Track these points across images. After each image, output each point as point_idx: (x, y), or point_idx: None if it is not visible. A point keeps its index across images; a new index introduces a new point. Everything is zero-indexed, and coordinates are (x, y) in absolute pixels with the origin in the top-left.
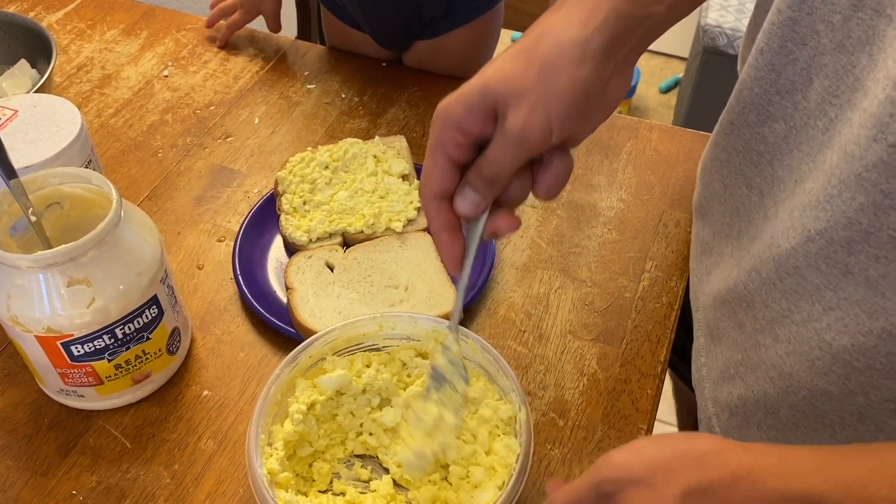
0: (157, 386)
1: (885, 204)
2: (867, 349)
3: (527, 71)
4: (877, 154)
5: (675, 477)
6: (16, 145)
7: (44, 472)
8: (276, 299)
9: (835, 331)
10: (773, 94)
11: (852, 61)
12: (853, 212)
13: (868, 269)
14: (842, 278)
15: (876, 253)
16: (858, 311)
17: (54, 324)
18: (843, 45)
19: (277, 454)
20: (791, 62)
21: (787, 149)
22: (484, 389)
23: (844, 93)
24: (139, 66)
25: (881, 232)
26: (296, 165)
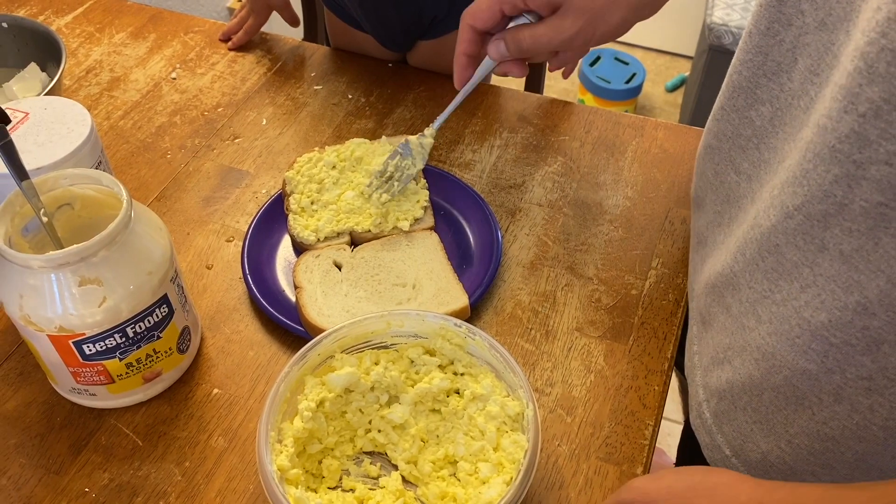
0: (167, 384)
1: (858, 174)
2: (843, 324)
3: None
4: (848, 125)
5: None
6: (27, 147)
7: (56, 470)
8: (284, 298)
9: (812, 308)
10: (761, 76)
11: (832, 38)
12: (828, 184)
13: (842, 244)
14: (818, 254)
15: (849, 226)
16: (834, 286)
17: (66, 323)
18: (825, 23)
19: (287, 451)
20: (777, 43)
21: (772, 131)
22: (492, 386)
23: (824, 70)
24: (147, 69)
25: (854, 204)
26: (303, 166)
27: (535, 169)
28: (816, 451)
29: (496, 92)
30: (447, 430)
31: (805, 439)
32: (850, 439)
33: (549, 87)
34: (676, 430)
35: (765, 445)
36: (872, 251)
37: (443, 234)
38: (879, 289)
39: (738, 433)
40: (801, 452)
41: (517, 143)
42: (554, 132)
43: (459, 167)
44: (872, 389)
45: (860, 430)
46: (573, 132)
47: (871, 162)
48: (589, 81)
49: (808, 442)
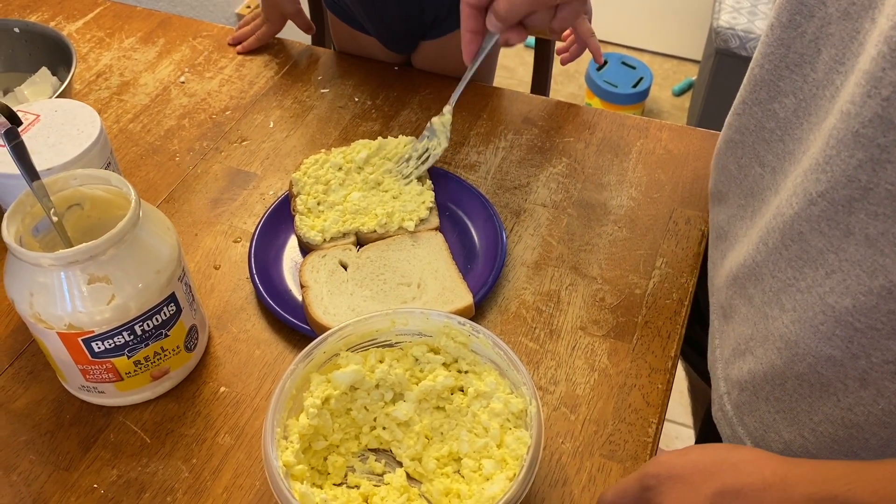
0: (175, 382)
1: (882, 158)
2: (868, 309)
3: None
4: (872, 109)
5: (711, 478)
6: (38, 148)
7: (66, 467)
8: (291, 298)
9: (837, 293)
10: (783, 68)
11: (857, 27)
12: (852, 169)
13: (868, 228)
14: (843, 239)
15: (875, 210)
16: (859, 271)
17: (75, 320)
18: (849, 13)
19: (293, 447)
20: (799, 35)
21: (797, 122)
22: (495, 383)
23: (850, 59)
24: (156, 73)
25: (879, 188)
26: (310, 167)
27: (539, 170)
28: (840, 438)
29: (501, 94)
30: (451, 428)
31: (829, 427)
32: (874, 425)
33: (556, 90)
34: (685, 434)
35: (787, 435)
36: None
37: (448, 235)
38: None
39: (760, 423)
40: (824, 440)
41: (522, 144)
42: (558, 134)
43: (465, 168)
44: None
45: (885, 415)
46: (578, 133)
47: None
48: (596, 86)
49: (833, 429)
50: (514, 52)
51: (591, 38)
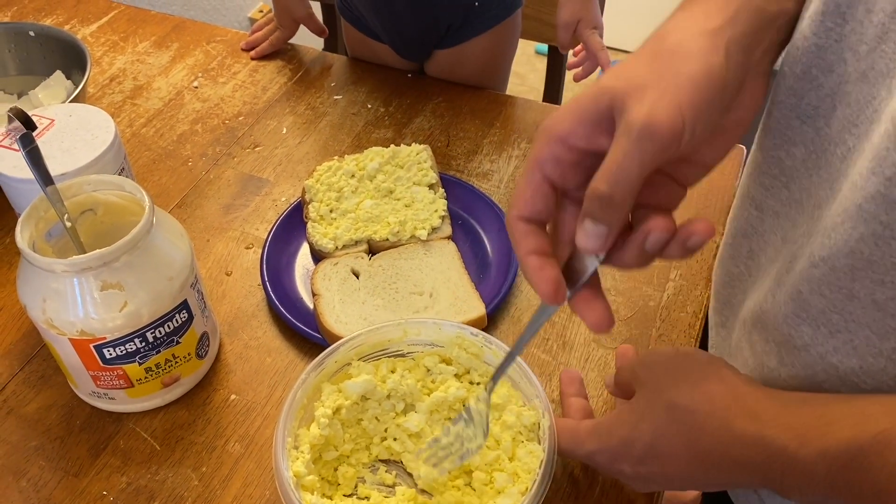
0: (185, 389)
1: (886, 234)
2: (876, 371)
3: (651, 65)
4: (874, 186)
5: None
6: (52, 153)
7: (76, 473)
8: (302, 305)
9: (842, 353)
10: (793, 118)
11: (873, 92)
12: (854, 241)
13: (874, 293)
14: (847, 302)
15: (881, 278)
16: (868, 332)
17: (88, 327)
18: (866, 76)
19: (303, 457)
20: (815, 88)
21: (805, 173)
22: (508, 395)
23: (864, 123)
24: (170, 78)
25: (884, 260)
26: (323, 174)
27: None
28: None
29: (514, 102)
30: None
31: None
32: None
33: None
34: None
35: None
36: None
37: (460, 244)
38: None
39: None
40: None
41: None
42: None
43: (477, 177)
44: None
45: None
46: None
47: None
48: None
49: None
50: (525, 59)
51: (602, 51)
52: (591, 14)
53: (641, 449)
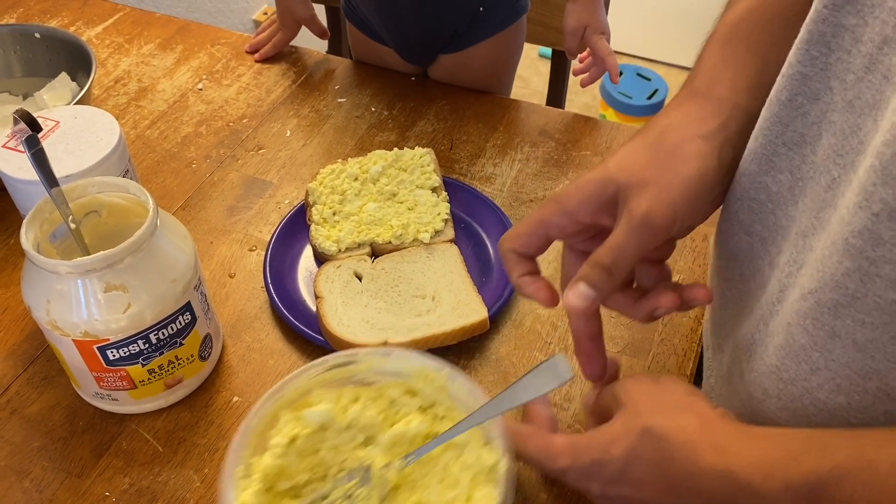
0: (188, 391)
1: (871, 271)
2: (864, 408)
3: (652, 161)
4: (861, 221)
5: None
6: (57, 155)
7: (78, 474)
8: (305, 308)
9: (827, 390)
10: (780, 145)
11: (859, 123)
12: (840, 275)
13: (855, 333)
14: (828, 340)
15: (862, 318)
16: (850, 371)
17: (91, 328)
18: (853, 105)
19: (254, 486)
20: (801, 115)
21: (791, 200)
22: (470, 434)
23: (849, 153)
24: (174, 80)
25: (867, 298)
26: (326, 177)
27: (556, 183)
28: None
29: (518, 106)
30: (422, 476)
31: None
32: None
33: (571, 101)
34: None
35: None
36: (889, 343)
37: (463, 247)
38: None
39: None
40: None
41: (538, 157)
42: (575, 147)
43: (480, 180)
44: None
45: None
46: (595, 147)
47: (885, 261)
48: (610, 97)
49: None
50: (528, 63)
51: (609, 56)
52: (597, 20)
53: (613, 471)
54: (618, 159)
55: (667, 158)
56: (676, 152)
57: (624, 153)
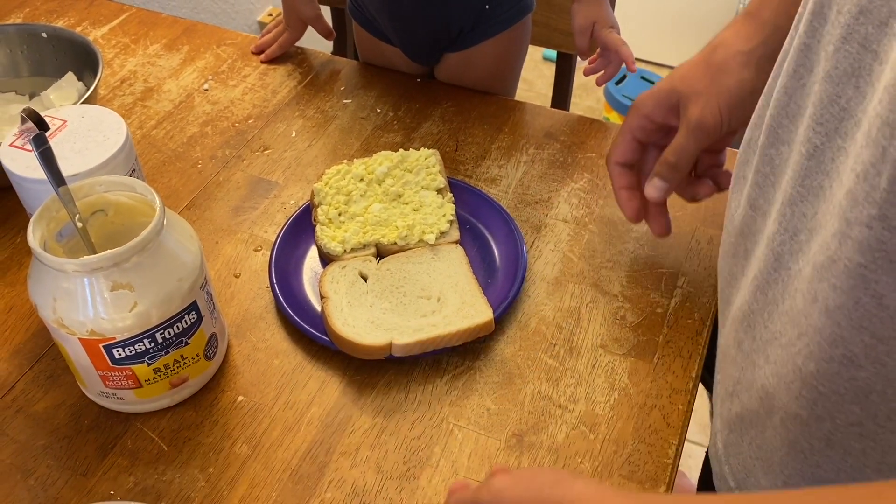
0: (193, 390)
1: (846, 232)
2: (831, 375)
3: (705, 74)
4: (849, 182)
5: None
6: (64, 154)
7: (83, 472)
8: (310, 308)
9: (804, 356)
10: (783, 116)
11: (837, 91)
12: (829, 237)
13: (828, 299)
14: (811, 305)
15: (834, 283)
16: (820, 338)
17: (97, 327)
18: (830, 76)
19: None
20: (801, 87)
21: (784, 172)
22: None
23: (829, 121)
24: (180, 80)
25: (840, 261)
26: (332, 177)
27: (561, 185)
28: None
29: (523, 108)
30: None
31: (800, 481)
32: (844, 480)
33: (574, 104)
34: (698, 453)
35: (764, 482)
36: (853, 310)
37: (468, 248)
38: (864, 343)
39: (742, 467)
40: None
41: (543, 159)
42: (581, 149)
43: (486, 182)
44: (864, 435)
45: (854, 471)
46: (600, 150)
47: (857, 222)
48: (614, 100)
49: (805, 483)
50: (532, 65)
51: (623, 47)
52: (605, 15)
53: None
54: (681, 73)
55: (715, 72)
56: (723, 66)
57: (686, 67)
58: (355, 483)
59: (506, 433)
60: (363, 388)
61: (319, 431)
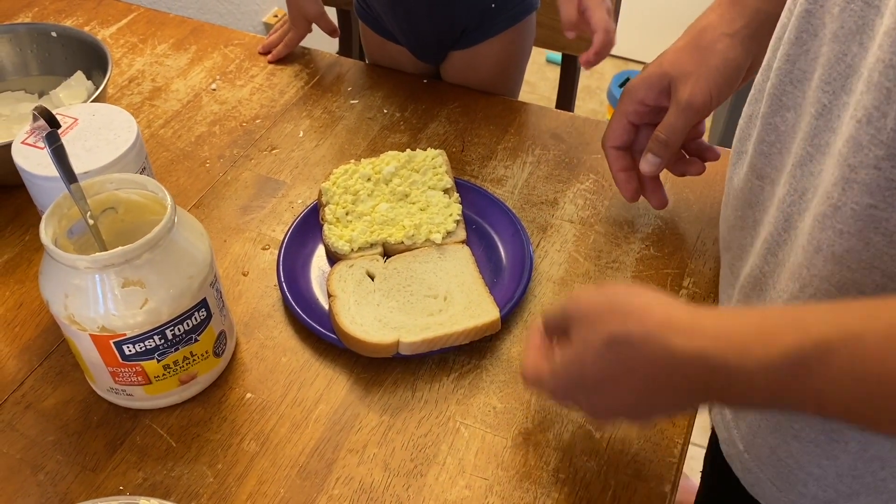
0: (202, 387)
1: (851, 177)
2: None
3: (693, 57)
4: (849, 130)
5: (606, 323)
6: (76, 152)
7: (92, 468)
8: (318, 306)
9: None
10: (787, 83)
11: (843, 49)
12: (830, 186)
13: (834, 245)
14: (813, 255)
15: (840, 228)
16: (828, 285)
17: (108, 323)
18: (837, 35)
19: None
20: (804, 53)
21: (793, 137)
22: None
23: (836, 79)
24: (188, 80)
25: (846, 206)
26: (339, 177)
27: (566, 186)
28: (822, 442)
29: (528, 109)
30: None
31: (811, 432)
32: (852, 429)
33: (578, 106)
34: (700, 454)
35: (773, 440)
36: (863, 251)
37: (474, 248)
38: (875, 283)
39: (750, 429)
40: (807, 446)
41: (549, 159)
42: (586, 150)
43: (492, 182)
44: None
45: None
46: None
47: (863, 166)
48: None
49: (814, 434)
50: (535, 68)
51: (603, 34)
52: None
53: (590, 385)
54: (669, 57)
55: (703, 54)
56: (710, 48)
57: (674, 51)
58: (363, 480)
59: (512, 431)
60: (370, 385)
61: (327, 429)
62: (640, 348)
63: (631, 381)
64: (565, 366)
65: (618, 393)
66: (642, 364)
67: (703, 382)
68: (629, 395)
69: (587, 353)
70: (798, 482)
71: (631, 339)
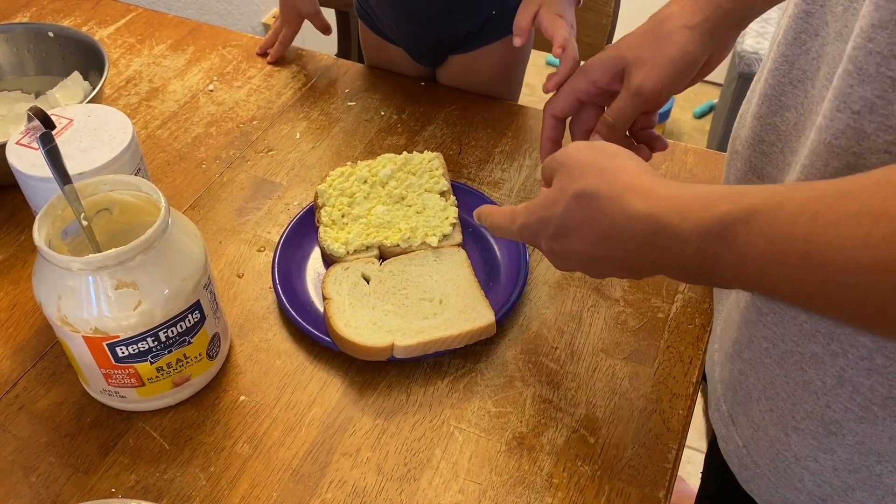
0: (195, 389)
1: (859, 164)
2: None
3: (650, 45)
4: (843, 122)
5: (582, 176)
6: (70, 153)
7: (85, 470)
8: (313, 309)
9: None
10: (786, 84)
11: (847, 49)
12: (828, 176)
13: None
14: None
15: None
16: None
17: (101, 325)
18: (841, 34)
19: None
20: (804, 52)
21: (795, 136)
22: None
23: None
24: (185, 81)
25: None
26: (335, 179)
27: None
28: (820, 434)
29: (526, 112)
30: None
31: (810, 424)
32: (851, 421)
33: None
34: (696, 458)
35: (773, 433)
36: None
37: (470, 251)
38: None
39: (749, 423)
40: (805, 438)
41: None
42: None
43: (488, 185)
44: (872, 370)
45: (862, 410)
46: None
47: (871, 152)
48: None
49: (813, 427)
50: (535, 71)
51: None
52: (556, 3)
53: (554, 228)
54: (628, 41)
55: (660, 43)
56: (668, 38)
57: (633, 37)
58: (356, 484)
59: (506, 436)
60: (365, 389)
61: (320, 432)
62: (604, 204)
63: (589, 233)
64: (539, 204)
65: (576, 241)
66: (601, 218)
67: (648, 242)
68: (585, 245)
69: (560, 198)
70: (794, 477)
71: (598, 195)
